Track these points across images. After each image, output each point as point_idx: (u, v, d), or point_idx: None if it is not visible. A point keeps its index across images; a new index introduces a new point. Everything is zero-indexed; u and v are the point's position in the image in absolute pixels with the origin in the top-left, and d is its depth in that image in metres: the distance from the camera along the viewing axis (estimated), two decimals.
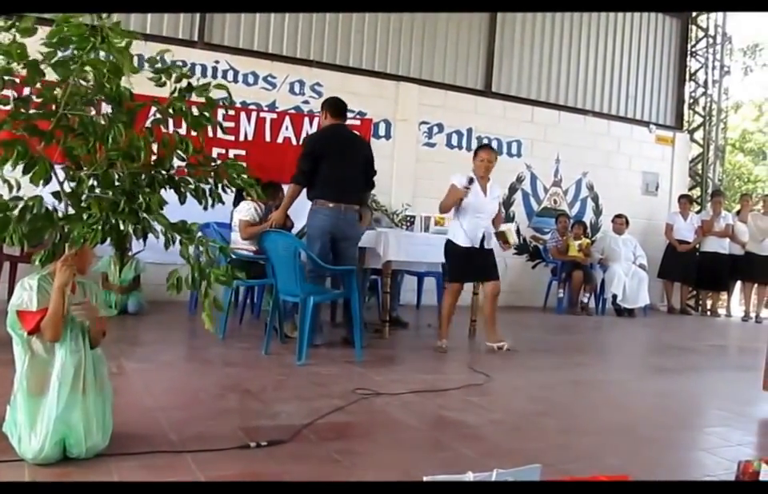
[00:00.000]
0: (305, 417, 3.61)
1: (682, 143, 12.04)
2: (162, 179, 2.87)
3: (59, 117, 2.63)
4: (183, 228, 2.80)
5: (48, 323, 2.71)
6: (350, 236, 5.80)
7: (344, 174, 5.72)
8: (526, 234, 10.44)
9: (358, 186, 5.88)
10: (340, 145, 5.82)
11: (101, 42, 2.52)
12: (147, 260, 7.10)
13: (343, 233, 5.74)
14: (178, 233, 2.78)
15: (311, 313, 5.12)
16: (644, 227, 11.28)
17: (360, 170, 5.87)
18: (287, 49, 8.91)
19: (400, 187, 9.24)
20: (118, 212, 2.67)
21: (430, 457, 3.26)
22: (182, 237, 2.79)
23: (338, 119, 5.95)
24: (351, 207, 5.77)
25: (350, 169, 5.78)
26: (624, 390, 5.37)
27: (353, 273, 5.47)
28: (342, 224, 5.72)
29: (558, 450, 3.49)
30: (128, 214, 2.69)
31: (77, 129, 2.68)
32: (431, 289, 8.39)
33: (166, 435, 3.19)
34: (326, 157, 5.73)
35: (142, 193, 2.75)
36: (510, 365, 5.82)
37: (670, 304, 11.37)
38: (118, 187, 2.73)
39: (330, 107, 5.97)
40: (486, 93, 10.19)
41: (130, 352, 5.13)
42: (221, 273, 2.76)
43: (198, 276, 2.75)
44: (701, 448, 3.86)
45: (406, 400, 4.25)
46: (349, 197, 5.74)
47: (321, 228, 5.72)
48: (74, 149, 2.67)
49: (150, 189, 2.80)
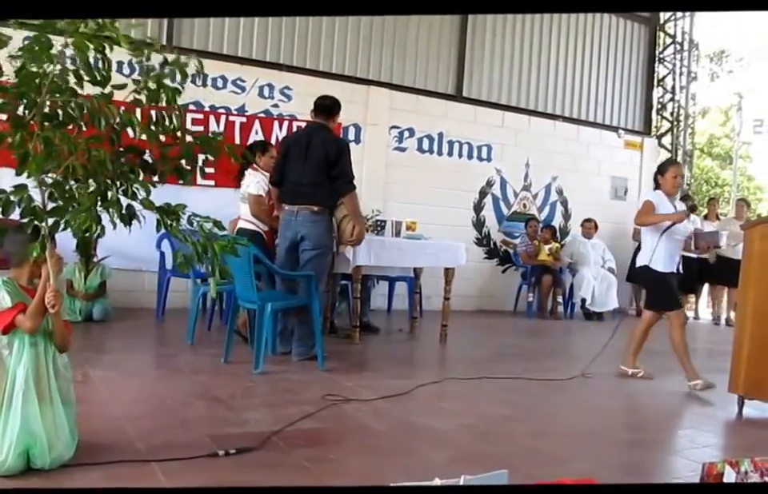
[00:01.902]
0: (274, 424, 3.59)
1: (650, 148, 12.17)
2: (142, 165, 2.89)
3: (39, 105, 2.61)
4: (170, 210, 2.81)
5: (33, 312, 2.72)
6: (305, 236, 5.50)
7: (300, 175, 5.53)
8: (496, 239, 10.48)
9: (317, 188, 5.52)
10: (299, 146, 5.64)
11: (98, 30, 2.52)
12: (113, 266, 7.02)
13: (297, 235, 5.52)
14: (166, 216, 2.80)
15: (272, 321, 5.02)
16: (613, 231, 11.38)
17: (319, 171, 5.50)
18: (257, 53, 8.86)
19: (370, 192, 9.22)
20: (107, 201, 2.71)
21: (399, 463, 3.25)
22: (171, 220, 2.80)
23: (317, 117, 5.78)
24: (307, 208, 5.51)
25: (306, 169, 5.51)
26: (592, 393, 5.40)
27: (311, 279, 5.34)
28: (296, 226, 5.53)
29: (526, 454, 3.50)
30: (116, 203, 2.73)
31: (54, 117, 2.67)
32: (402, 294, 8.40)
33: (132, 444, 3.15)
34: (288, 159, 5.63)
35: (128, 180, 2.78)
36: (479, 370, 5.83)
37: (638, 307, 11.47)
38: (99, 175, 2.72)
39: (313, 105, 5.89)
40: (456, 97, 10.21)
41: (96, 359, 5.05)
42: (225, 244, 2.80)
43: (201, 251, 2.78)
44: (668, 450, 3.91)
45: (376, 406, 4.24)
46: (304, 199, 5.51)
47: (280, 233, 5.67)
48: (50, 139, 2.64)
49: (133, 175, 2.82)
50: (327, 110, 5.77)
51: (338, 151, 5.56)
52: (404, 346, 6.91)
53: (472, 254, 9.73)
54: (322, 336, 5.46)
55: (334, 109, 5.81)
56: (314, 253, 5.49)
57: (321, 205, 5.53)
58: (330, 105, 5.81)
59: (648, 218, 5.56)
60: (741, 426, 4.63)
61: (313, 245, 5.50)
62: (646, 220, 5.58)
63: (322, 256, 5.57)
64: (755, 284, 4.85)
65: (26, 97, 2.62)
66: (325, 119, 5.74)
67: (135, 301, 7.59)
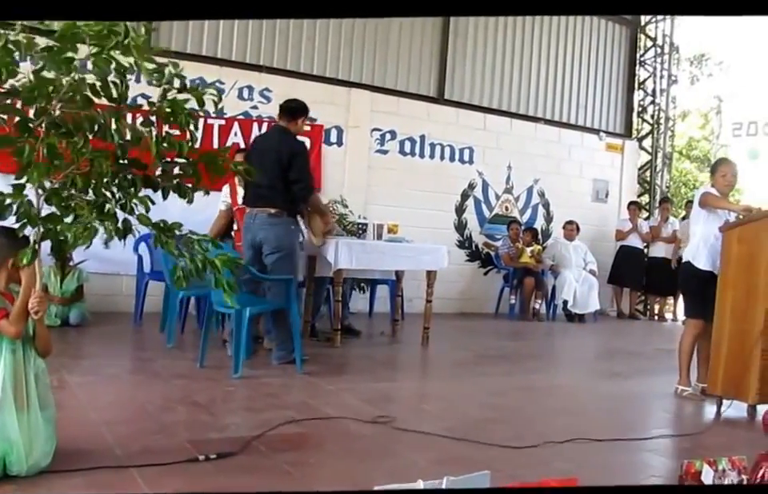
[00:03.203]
0: (255, 429, 3.56)
1: (631, 150, 12.24)
2: (144, 180, 2.86)
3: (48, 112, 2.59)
4: (166, 227, 2.81)
5: (17, 317, 2.71)
6: (263, 240, 5.45)
7: (259, 179, 5.50)
8: (478, 241, 10.49)
9: (273, 190, 5.41)
10: (259, 149, 5.63)
11: (123, 39, 2.49)
12: (90, 270, 6.93)
13: (257, 238, 5.48)
14: (162, 233, 2.79)
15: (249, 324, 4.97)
16: (594, 233, 11.43)
17: (275, 173, 5.40)
18: (236, 55, 8.80)
19: (352, 194, 9.19)
20: (105, 213, 2.69)
21: (381, 466, 3.24)
22: (167, 237, 2.80)
23: (281, 119, 5.72)
24: (264, 210, 5.45)
25: (264, 172, 5.34)
26: (574, 395, 5.43)
27: (291, 283, 5.32)
28: (254, 229, 5.49)
29: (508, 456, 3.50)
30: (113, 216, 2.72)
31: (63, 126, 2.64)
32: (384, 297, 8.39)
33: (111, 450, 3.12)
34: (250, 162, 5.61)
35: (127, 194, 2.77)
36: (461, 373, 5.84)
37: (619, 309, 11.55)
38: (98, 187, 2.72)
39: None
40: (438, 100, 10.20)
41: (73, 365, 4.97)
42: (226, 258, 2.84)
43: (201, 267, 2.79)
44: (648, 450, 3.93)
45: (358, 409, 4.22)
46: (262, 202, 5.46)
47: (243, 236, 5.65)
48: (55, 146, 2.60)
49: (133, 190, 2.80)
50: (289, 113, 5.69)
51: (292, 154, 5.45)
52: (385, 349, 6.90)
53: (454, 257, 9.73)
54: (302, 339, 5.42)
55: (296, 112, 5.70)
56: (275, 257, 5.40)
57: (278, 207, 5.44)
58: (294, 107, 5.73)
59: (718, 202, 5.26)
60: (720, 426, 4.67)
61: (271, 248, 5.42)
62: (716, 202, 5.25)
63: (284, 258, 5.43)
64: (733, 286, 4.91)
65: (36, 102, 2.59)
66: (287, 121, 5.66)
67: (113, 305, 7.50)
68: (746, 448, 3.15)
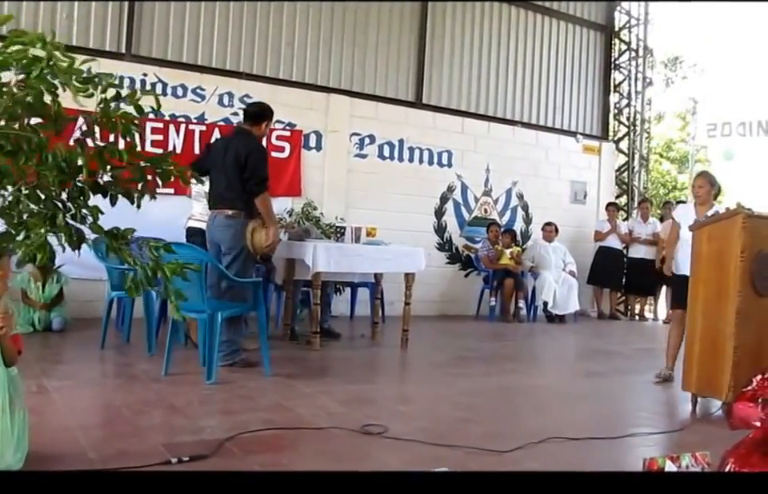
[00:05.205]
0: (229, 431, 3.59)
1: (608, 152, 12.35)
2: (92, 187, 2.83)
3: None
4: (118, 234, 2.78)
5: None
6: (220, 241, 5.46)
7: (218, 180, 5.51)
8: (458, 243, 10.55)
9: (231, 191, 5.42)
10: (217, 151, 5.64)
11: (47, 65, 2.49)
12: (72, 275, 6.93)
13: (215, 240, 5.51)
14: (114, 240, 2.77)
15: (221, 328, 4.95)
16: (573, 234, 11.52)
17: (233, 175, 5.40)
18: (216, 61, 8.83)
19: (332, 198, 9.25)
20: (56, 226, 2.66)
21: (355, 467, 3.27)
22: (119, 244, 2.77)
23: (245, 123, 5.72)
24: (221, 212, 5.47)
25: (222, 173, 5.47)
26: (551, 395, 5.48)
27: (259, 285, 5.35)
28: (213, 231, 5.52)
29: (480, 455, 3.54)
30: (65, 227, 2.68)
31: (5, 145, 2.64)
32: (365, 300, 8.42)
33: (84, 454, 3.14)
34: (210, 166, 5.62)
35: (77, 204, 2.74)
36: (439, 374, 5.88)
37: (599, 309, 11.64)
38: (48, 200, 2.69)
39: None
40: (416, 104, 10.27)
41: (52, 370, 4.99)
42: (175, 266, 2.77)
43: (151, 275, 2.74)
44: (622, 449, 3.98)
45: (333, 411, 4.26)
46: (221, 204, 5.48)
47: (207, 240, 5.67)
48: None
49: (82, 199, 2.77)
50: (251, 116, 5.70)
51: (248, 153, 5.41)
52: (365, 352, 6.93)
53: (434, 259, 9.80)
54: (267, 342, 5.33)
55: (258, 116, 5.67)
56: (231, 258, 5.38)
57: (236, 208, 5.42)
58: (256, 111, 5.73)
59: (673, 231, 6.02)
60: (695, 423, 4.72)
61: (226, 248, 5.42)
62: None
63: (238, 259, 5.40)
64: (704, 284, 4.96)
65: None
66: (250, 125, 5.65)
67: (94, 311, 7.47)
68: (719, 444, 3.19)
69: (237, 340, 5.42)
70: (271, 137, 8.79)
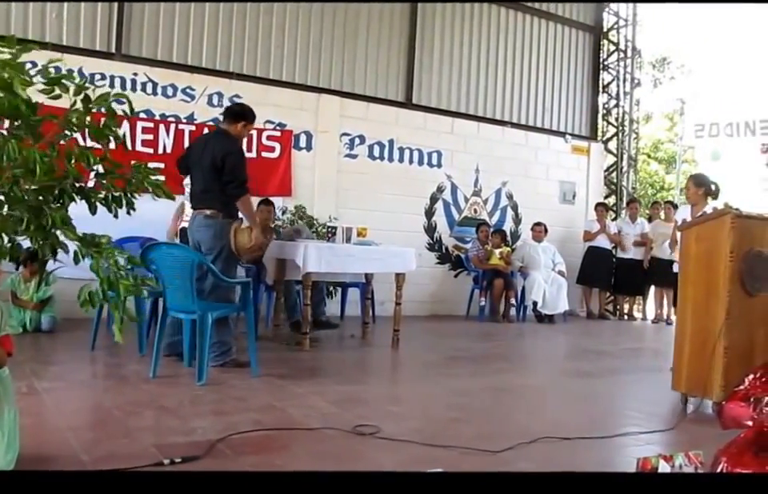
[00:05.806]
0: (221, 432, 3.58)
1: (597, 153, 12.41)
2: (72, 191, 2.77)
3: None
4: (92, 241, 2.70)
5: None
6: (200, 241, 5.43)
7: (197, 180, 5.51)
8: (448, 244, 10.57)
9: (208, 192, 5.42)
10: (196, 150, 5.62)
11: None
12: (64, 276, 6.88)
13: (195, 240, 5.49)
14: (87, 247, 2.68)
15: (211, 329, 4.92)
16: (562, 234, 11.57)
17: (210, 175, 5.38)
18: (206, 61, 8.81)
19: (322, 199, 9.25)
20: (23, 229, 2.59)
21: (348, 468, 3.27)
22: (90, 252, 2.68)
23: (223, 123, 5.70)
24: (200, 212, 5.46)
25: (200, 173, 5.46)
26: (541, 395, 5.49)
27: (248, 286, 5.36)
28: (193, 231, 5.52)
29: (471, 456, 3.55)
30: (34, 231, 2.60)
31: None
32: (356, 300, 8.42)
33: (76, 455, 3.12)
34: (191, 165, 5.62)
35: (49, 208, 2.65)
36: (430, 374, 5.88)
37: (588, 309, 11.68)
38: (22, 204, 2.64)
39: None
40: (406, 104, 10.28)
41: (42, 371, 4.97)
42: (130, 284, 2.67)
43: (106, 288, 2.65)
44: (612, 449, 3.99)
45: (326, 412, 4.26)
46: (200, 204, 5.48)
47: (189, 240, 5.66)
48: None
49: (60, 204, 2.70)
50: (231, 116, 5.66)
51: (225, 155, 5.36)
52: (355, 352, 6.92)
53: (424, 259, 9.82)
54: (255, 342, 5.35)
55: (238, 117, 5.63)
56: (212, 258, 5.34)
57: (214, 208, 5.40)
58: (237, 111, 5.70)
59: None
60: (685, 423, 4.72)
61: (207, 248, 5.39)
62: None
63: (218, 258, 5.36)
64: (693, 284, 4.98)
65: None
66: (228, 124, 5.62)
67: (84, 312, 7.42)
68: (711, 444, 3.21)
69: (227, 341, 5.41)
70: (261, 137, 8.80)
